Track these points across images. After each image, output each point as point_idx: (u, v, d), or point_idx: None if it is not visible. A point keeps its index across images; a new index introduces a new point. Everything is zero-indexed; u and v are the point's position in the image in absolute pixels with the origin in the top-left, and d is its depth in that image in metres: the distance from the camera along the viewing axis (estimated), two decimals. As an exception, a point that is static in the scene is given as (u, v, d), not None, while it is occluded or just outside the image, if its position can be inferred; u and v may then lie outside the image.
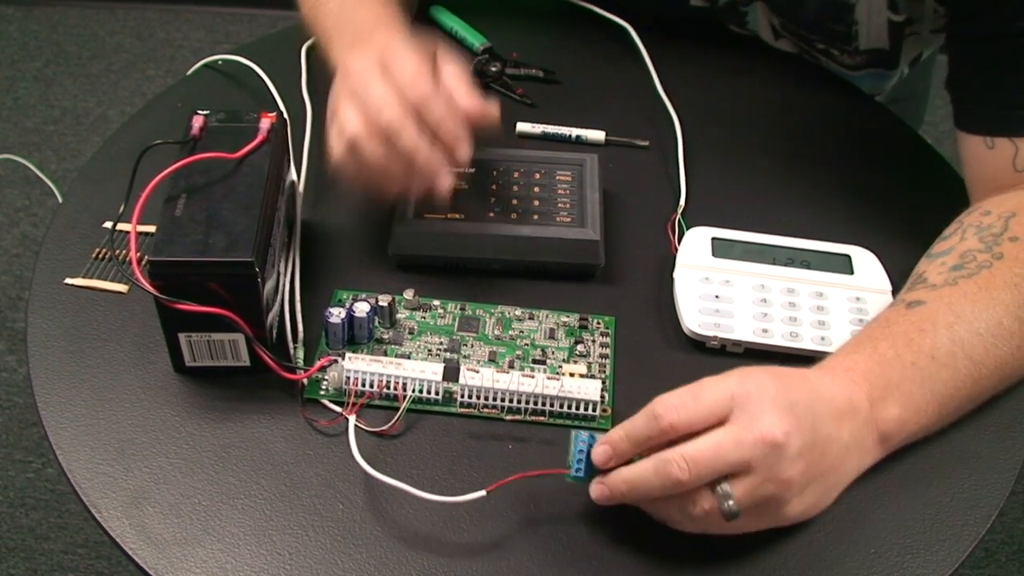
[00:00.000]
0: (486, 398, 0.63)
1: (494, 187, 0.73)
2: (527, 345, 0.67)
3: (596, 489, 0.56)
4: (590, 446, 0.56)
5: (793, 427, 0.54)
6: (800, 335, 0.67)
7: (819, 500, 0.57)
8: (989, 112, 0.72)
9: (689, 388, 0.55)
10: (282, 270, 0.68)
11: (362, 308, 0.65)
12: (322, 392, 0.63)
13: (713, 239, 0.73)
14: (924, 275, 0.66)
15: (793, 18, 0.87)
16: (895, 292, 0.70)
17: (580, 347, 0.67)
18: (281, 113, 0.71)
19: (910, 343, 0.60)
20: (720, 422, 0.54)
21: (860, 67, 0.89)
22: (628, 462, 0.55)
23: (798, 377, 0.57)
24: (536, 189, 0.74)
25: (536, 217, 0.72)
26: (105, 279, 0.70)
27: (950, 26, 0.75)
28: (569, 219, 0.72)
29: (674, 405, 0.54)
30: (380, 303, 0.67)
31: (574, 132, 0.83)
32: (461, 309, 0.69)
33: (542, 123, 0.83)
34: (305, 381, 0.63)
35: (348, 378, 0.62)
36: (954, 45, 0.74)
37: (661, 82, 0.86)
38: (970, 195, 0.75)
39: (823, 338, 0.67)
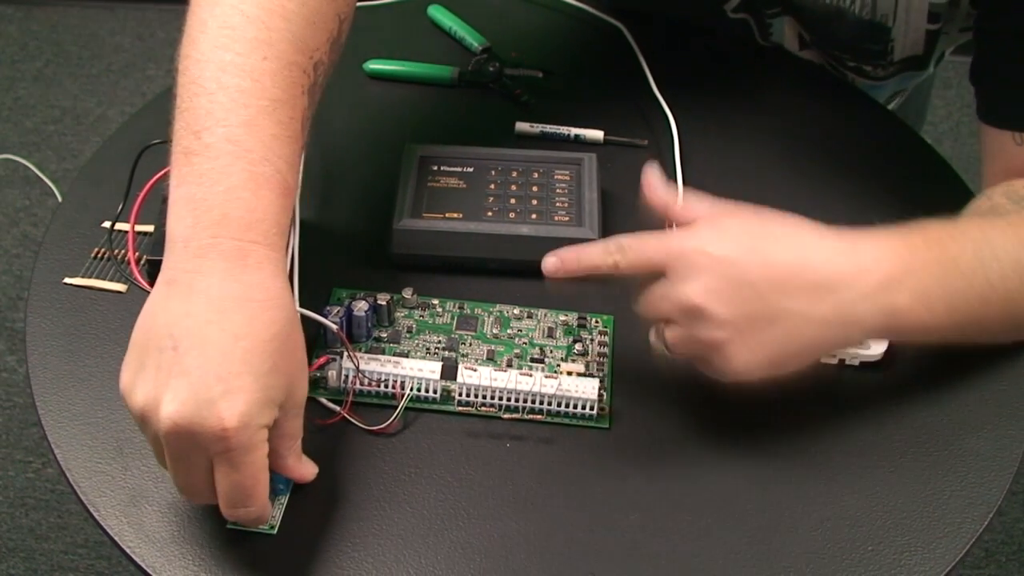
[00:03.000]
0: (484, 397, 0.63)
1: (492, 186, 0.74)
2: (525, 344, 0.67)
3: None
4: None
5: (721, 295, 0.55)
6: (798, 334, 0.67)
7: (774, 363, 0.57)
8: (1021, 109, 0.71)
9: (646, 234, 0.59)
10: (281, 269, 0.68)
11: (361, 307, 0.65)
12: (320, 390, 0.63)
13: (711, 238, 0.73)
14: (956, 221, 0.67)
15: (826, 38, 0.87)
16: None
17: (578, 346, 0.67)
18: (280, 112, 0.71)
19: (940, 242, 0.61)
20: (662, 272, 0.57)
21: (890, 76, 0.89)
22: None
23: (786, 242, 0.58)
24: (534, 188, 0.74)
25: (534, 216, 0.72)
26: (104, 278, 0.70)
27: (978, 20, 0.74)
28: (567, 218, 0.72)
29: (624, 246, 0.58)
30: (379, 302, 0.67)
31: (572, 131, 0.83)
32: (459, 308, 0.69)
33: (540, 123, 0.83)
34: (303, 380, 0.64)
35: (346, 377, 0.62)
36: (982, 39, 0.74)
37: (656, 82, 0.86)
38: (987, 187, 0.74)
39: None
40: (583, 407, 0.63)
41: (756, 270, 0.56)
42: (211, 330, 0.51)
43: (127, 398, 0.52)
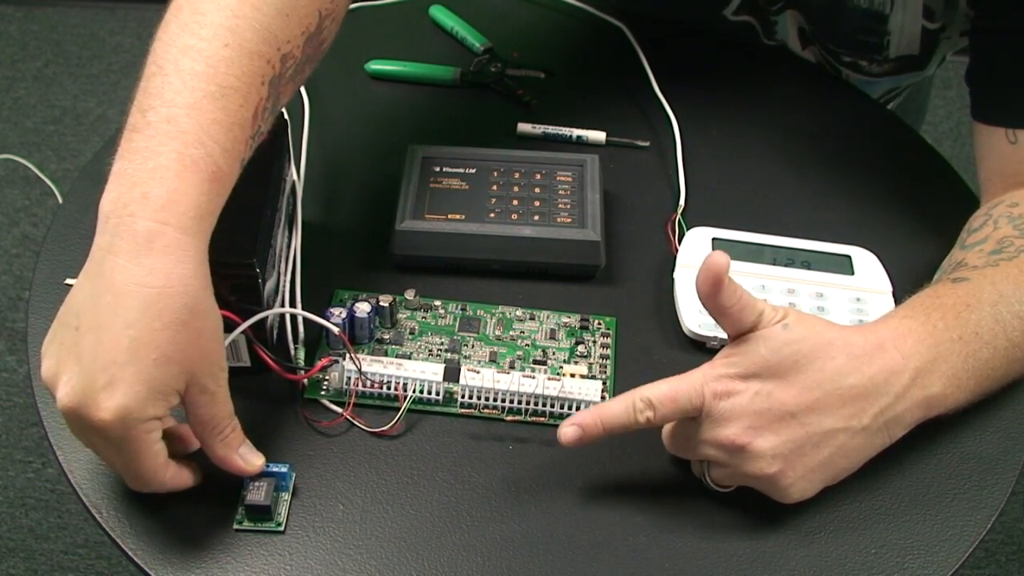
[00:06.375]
0: (487, 399, 0.63)
1: (495, 188, 0.73)
2: (528, 346, 0.67)
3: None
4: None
5: (763, 431, 0.55)
6: (801, 335, 0.67)
7: (827, 481, 0.58)
8: (1013, 106, 0.71)
9: (672, 386, 0.57)
10: (282, 270, 0.68)
11: (363, 308, 0.65)
12: (322, 392, 0.63)
13: (713, 239, 0.73)
14: (964, 261, 0.66)
15: (826, 32, 0.87)
16: (896, 292, 0.70)
17: (581, 348, 0.67)
18: (281, 113, 0.71)
19: (958, 316, 0.60)
20: (696, 416, 0.57)
21: (886, 75, 0.88)
22: None
23: (815, 361, 0.56)
24: (537, 190, 0.74)
25: (537, 218, 0.72)
26: (105, 279, 0.70)
27: (975, 20, 0.75)
28: (570, 220, 0.72)
29: (654, 402, 0.56)
30: (381, 303, 0.66)
31: (574, 132, 0.83)
32: (462, 309, 0.69)
33: (542, 124, 0.83)
34: (305, 381, 0.64)
35: (349, 378, 0.62)
36: (978, 38, 0.74)
37: (659, 82, 0.86)
38: (983, 188, 0.74)
39: (824, 339, 0.67)
40: (585, 409, 0.62)
41: (791, 399, 0.55)
42: (107, 314, 0.51)
43: (42, 362, 0.53)
